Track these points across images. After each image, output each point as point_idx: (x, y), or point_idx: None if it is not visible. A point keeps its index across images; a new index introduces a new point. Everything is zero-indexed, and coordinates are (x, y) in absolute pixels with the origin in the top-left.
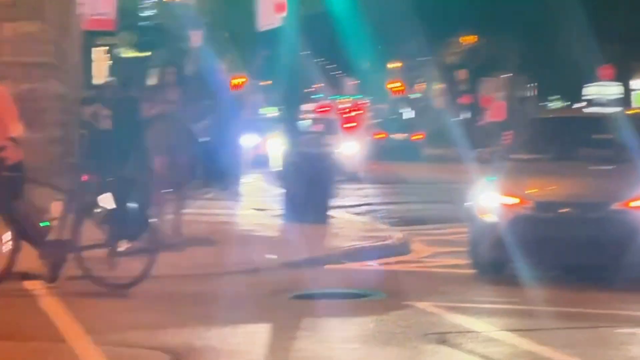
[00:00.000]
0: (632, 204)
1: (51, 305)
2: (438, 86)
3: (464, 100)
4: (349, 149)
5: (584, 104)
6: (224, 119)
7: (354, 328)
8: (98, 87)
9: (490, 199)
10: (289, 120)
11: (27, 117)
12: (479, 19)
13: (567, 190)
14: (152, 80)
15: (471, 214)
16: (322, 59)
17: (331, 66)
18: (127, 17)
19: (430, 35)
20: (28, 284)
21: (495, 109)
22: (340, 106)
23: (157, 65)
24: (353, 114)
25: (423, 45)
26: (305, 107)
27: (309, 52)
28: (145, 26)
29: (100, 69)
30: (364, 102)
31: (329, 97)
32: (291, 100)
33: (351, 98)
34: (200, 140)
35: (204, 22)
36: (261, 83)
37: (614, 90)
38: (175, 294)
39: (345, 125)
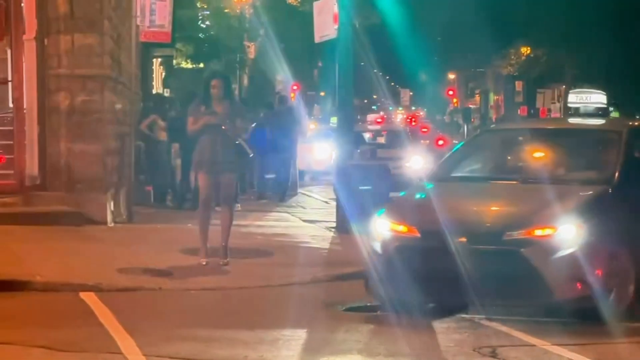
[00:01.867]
0: (536, 232)
1: (106, 316)
2: (494, 97)
3: (521, 111)
4: (416, 161)
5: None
6: (281, 130)
7: (404, 340)
8: (155, 98)
9: (381, 225)
10: (343, 131)
11: (83, 129)
12: (536, 29)
13: (462, 216)
14: (200, 92)
15: (368, 240)
16: (378, 71)
17: (387, 77)
18: (183, 29)
19: (487, 46)
20: (84, 295)
21: None
22: (399, 117)
23: (210, 77)
24: (414, 124)
25: (479, 56)
26: (367, 117)
27: (364, 63)
28: (202, 38)
29: (158, 81)
30: (420, 113)
31: (388, 108)
32: (346, 111)
33: (406, 109)
34: (251, 152)
35: (259, 34)
36: (317, 94)
37: (597, 98)
38: (228, 306)
39: (409, 136)
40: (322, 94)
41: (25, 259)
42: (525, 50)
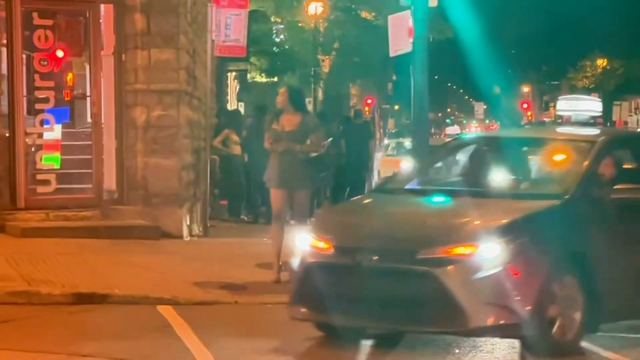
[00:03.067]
0: (454, 250)
1: (184, 330)
2: None
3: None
4: None
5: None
6: (356, 144)
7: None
8: (229, 114)
9: (303, 240)
10: (419, 144)
11: (159, 144)
12: (613, 41)
13: (378, 232)
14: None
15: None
16: (452, 84)
17: (461, 91)
18: (258, 43)
19: (562, 59)
20: (161, 309)
21: None
22: (474, 130)
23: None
24: None
25: (554, 68)
26: (445, 130)
27: (438, 76)
28: (276, 52)
29: (232, 95)
30: (494, 126)
31: (462, 122)
32: (420, 124)
33: (480, 123)
34: (328, 167)
35: (334, 47)
36: (391, 107)
37: (589, 105)
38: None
39: None
40: (396, 107)
41: (103, 272)
42: (601, 62)
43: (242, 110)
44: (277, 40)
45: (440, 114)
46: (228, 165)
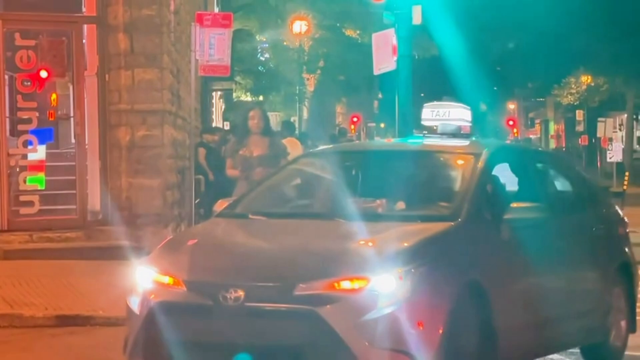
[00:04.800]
0: (340, 285)
1: None
2: (555, 127)
3: (582, 140)
4: None
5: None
6: None
7: None
8: (214, 131)
9: (143, 274)
10: None
11: (143, 164)
12: (596, 58)
13: (242, 263)
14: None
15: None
16: (437, 102)
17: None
18: (242, 62)
19: (547, 76)
20: None
21: (615, 150)
22: None
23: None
24: None
25: (539, 85)
26: None
27: (423, 94)
28: (261, 71)
29: (218, 114)
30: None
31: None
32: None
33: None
34: None
35: (319, 66)
36: (377, 125)
37: (458, 114)
38: None
39: None
40: (382, 125)
41: (87, 294)
42: (585, 79)
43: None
44: (262, 59)
45: (425, 132)
46: (213, 184)
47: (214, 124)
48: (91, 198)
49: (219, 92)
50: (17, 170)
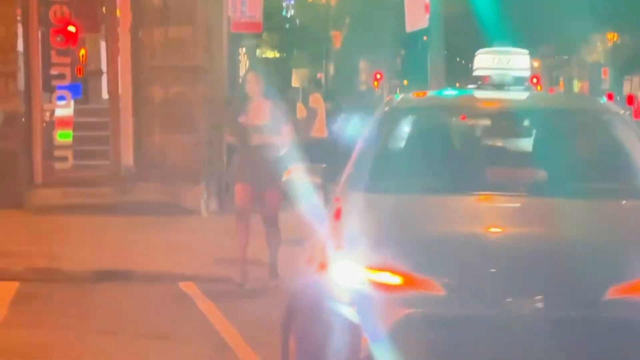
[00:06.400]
0: None
1: (207, 306)
2: (579, 84)
3: (608, 97)
4: None
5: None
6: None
7: None
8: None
9: (349, 275)
10: None
11: (176, 120)
12: (623, 15)
13: (519, 262)
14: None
15: (310, 299)
16: (461, 59)
17: (470, 65)
18: (268, 18)
19: (573, 33)
20: (183, 285)
21: (638, 108)
22: None
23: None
24: None
25: (564, 44)
26: None
27: (446, 52)
28: (286, 28)
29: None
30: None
31: None
32: None
33: None
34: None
35: (345, 22)
36: (401, 82)
37: (518, 62)
38: None
39: None
40: (405, 82)
41: (123, 249)
42: (611, 36)
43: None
44: (287, 15)
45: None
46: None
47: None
48: (124, 154)
49: (243, 49)
50: (49, 126)
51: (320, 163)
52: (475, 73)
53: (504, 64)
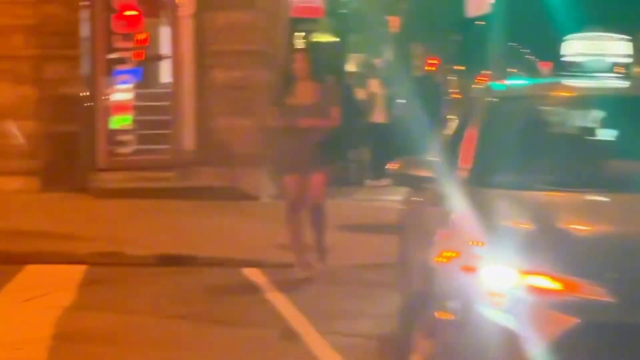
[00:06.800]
0: None
1: (272, 292)
2: (636, 70)
3: None
4: None
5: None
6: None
7: None
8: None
9: (502, 280)
10: None
11: (238, 105)
12: None
13: None
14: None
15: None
16: (516, 44)
17: (525, 50)
18: (326, 2)
19: (629, 15)
20: (247, 271)
21: None
22: None
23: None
24: None
25: (628, 24)
26: None
27: (503, 37)
28: (344, 12)
29: None
30: None
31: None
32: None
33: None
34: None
35: (401, 8)
36: (455, 68)
37: (615, 47)
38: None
39: None
40: (460, 68)
41: (186, 234)
42: None
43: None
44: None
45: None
46: None
47: None
48: (186, 138)
49: (303, 34)
50: (113, 109)
51: (401, 151)
52: (568, 59)
53: (600, 50)
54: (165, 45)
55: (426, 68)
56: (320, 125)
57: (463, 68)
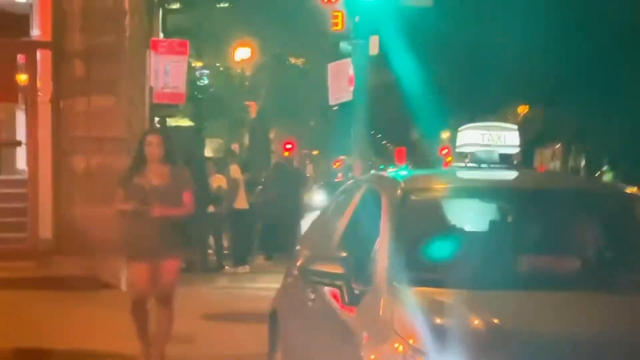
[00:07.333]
0: None
1: None
2: None
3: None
4: None
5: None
6: (286, 189)
7: None
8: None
9: None
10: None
11: (98, 192)
12: (534, 88)
13: None
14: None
15: None
16: (373, 131)
17: (378, 136)
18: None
19: (484, 105)
20: None
21: None
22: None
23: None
24: None
25: (476, 114)
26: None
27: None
28: (201, 97)
29: None
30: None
31: (380, 167)
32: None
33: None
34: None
35: (261, 93)
36: (310, 152)
37: (510, 138)
38: None
39: None
40: (314, 152)
41: (43, 326)
42: (522, 109)
43: None
44: (200, 84)
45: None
46: None
47: None
48: (43, 226)
49: (156, 118)
50: None
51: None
52: (460, 150)
53: (494, 141)
54: (21, 130)
55: (285, 153)
56: (172, 213)
57: (317, 152)
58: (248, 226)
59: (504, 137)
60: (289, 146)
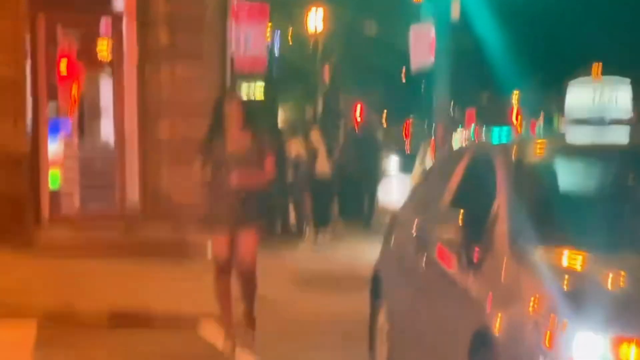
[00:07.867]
0: None
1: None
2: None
3: None
4: None
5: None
6: (357, 152)
7: None
8: None
9: (591, 348)
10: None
11: (184, 157)
12: (612, 51)
13: None
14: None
15: None
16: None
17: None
18: None
19: (559, 68)
20: (201, 329)
21: None
22: None
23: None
24: None
25: (551, 77)
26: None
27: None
28: (276, 65)
29: None
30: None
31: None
32: (446, 139)
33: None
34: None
35: (336, 57)
36: (379, 117)
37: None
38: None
39: None
40: (383, 115)
41: (138, 291)
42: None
43: None
44: (276, 54)
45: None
46: None
47: None
48: (131, 192)
49: (239, 84)
50: (54, 164)
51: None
52: (569, 108)
53: (605, 99)
54: (105, 98)
55: (361, 119)
56: (252, 180)
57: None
58: (329, 192)
59: (616, 98)
60: (361, 112)
